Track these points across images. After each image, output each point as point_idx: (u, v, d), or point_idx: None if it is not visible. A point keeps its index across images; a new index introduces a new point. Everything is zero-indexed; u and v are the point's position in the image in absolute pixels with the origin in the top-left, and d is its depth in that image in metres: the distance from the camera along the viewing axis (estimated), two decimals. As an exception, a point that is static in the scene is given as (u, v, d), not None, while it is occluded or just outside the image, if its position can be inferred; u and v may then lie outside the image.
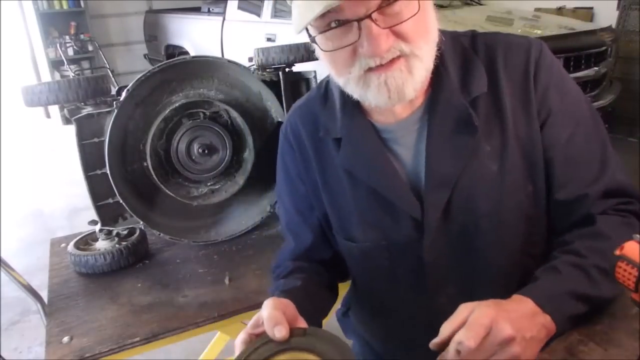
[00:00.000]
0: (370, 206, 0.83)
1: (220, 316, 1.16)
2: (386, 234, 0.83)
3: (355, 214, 0.85)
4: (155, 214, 1.45)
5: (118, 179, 1.35)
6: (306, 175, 0.90)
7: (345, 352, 0.66)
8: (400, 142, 0.81)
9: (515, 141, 0.78)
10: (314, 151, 0.87)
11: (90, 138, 1.35)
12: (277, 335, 0.66)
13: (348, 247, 0.90)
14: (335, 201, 0.87)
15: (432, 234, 0.80)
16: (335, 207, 0.88)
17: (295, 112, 0.92)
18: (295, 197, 0.94)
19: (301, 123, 0.89)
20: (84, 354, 1.05)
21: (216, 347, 1.86)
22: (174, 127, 1.41)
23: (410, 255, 0.83)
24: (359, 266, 0.93)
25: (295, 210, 0.94)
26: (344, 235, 0.89)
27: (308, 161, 0.89)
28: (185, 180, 1.46)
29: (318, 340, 0.68)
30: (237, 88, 1.50)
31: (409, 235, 0.81)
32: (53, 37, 6.37)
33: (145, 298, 1.24)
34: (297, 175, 0.92)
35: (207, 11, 5.48)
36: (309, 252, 0.94)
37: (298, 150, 0.90)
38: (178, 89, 1.44)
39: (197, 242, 1.47)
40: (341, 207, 0.87)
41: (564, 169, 0.79)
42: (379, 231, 0.84)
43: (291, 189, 0.94)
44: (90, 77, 1.34)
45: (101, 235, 1.43)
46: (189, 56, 1.47)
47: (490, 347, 0.61)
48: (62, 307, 1.22)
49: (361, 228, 0.86)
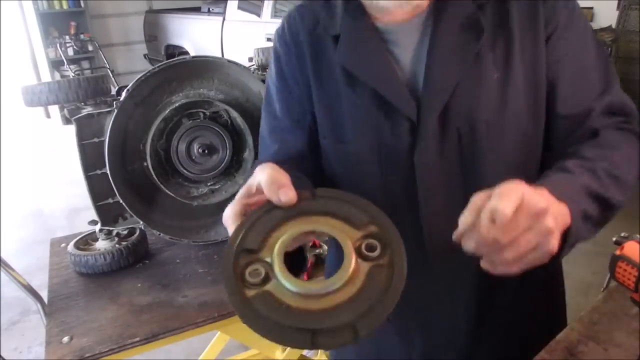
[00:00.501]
0: (365, 105, 0.79)
1: (220, 316, 1.16)
2: (380, 136, 0.79)
3: (349, 114, 0.81)
4: (155, 214, 1.45)
5: (118, 179, 1.35)
6: (300, 76, 0.85)
7: (369, 210, 0.58)
8: (401, 44, 0.79)
9: (519, 53, 0.76)
10: (310, 49, 0.84)
11: (90, 138, 1.35)
12: (284, 199, 0.57)
13: (337, 150, 0.85)
14: (328, 102, 0.83)
15: (426, 139, 0.76)
16: (327, 108, 0.84)
17: (296, 10, 0.88)
18: (288, 101, 0.88)
19: (300, 20, 0.86)
20: (84, 354, 1.05)
21: (216, 347, 1.86)
22: (174, 127, 1.41)
23: (403, 161, 0.79)
24: (347, 175, 0.86)
25: (287, 114, 0.88)
26: (334, 138, 0.84)
27: (303, 59, 0.85)
28: (185, 180, 1.46)
29: (332, 202, 0.59)
30: (237, 88, 1.50)
31: (403, 138, 0.78)
32: (53, 37, 6.37)
33: (145, 298, 1.24)
34: (291, 77, 0.87)
35: (207, 11, 5.48)
36: (296, 158, 0.86)
37: (294, 48, 0.85)
38: (178, 89, 1.44)
39: (197, 242, 1.47)
40: (333, 108, 0.83)
41: (570, 82, 0.77)
42: (372, 132, 0.80)
43: (284, 93, 0.88)
44: (90, 77, 1.34)
45: (101, 235, 1.43)
46: (189, 56, 1.47)
47: (524, 219, 0.55)
48: (62, 307, 1.22)
49: (354, 129, 0.81)
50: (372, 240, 0.55)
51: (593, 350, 0.75)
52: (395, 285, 0.52)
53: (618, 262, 0.72)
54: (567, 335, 0.79)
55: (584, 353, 0.75)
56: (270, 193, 0.57)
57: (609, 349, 0.75)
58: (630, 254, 0.71)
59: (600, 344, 0.76)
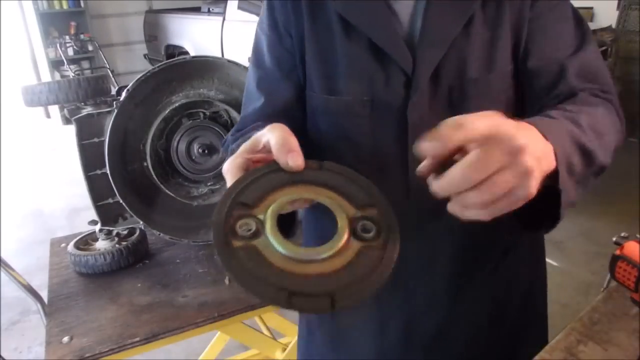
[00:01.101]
0: (361, 56, 0.79)
1: (220, 316, 1.17)
2: (373, 88, 0.79)
3: (343, 64, 0.80)
4: (155, 214, 1.45)
5: (118, 179, 1.35)
6: (295, 25, 0.84)
7: (372, 192, 0.57)
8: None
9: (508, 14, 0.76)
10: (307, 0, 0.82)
11: (90, 138, 1.35)
12: (291, 164, 0.56)
13: (326, 104, 0.83)
14: (322, 53, 0.82)
15: (420, 94, 0.76)
16: (319, 58, 0.82)
17: None
18: (278, 52, 0.86)
19: None
20: (84, 354, 1.05)
21: (216, 347, 1.86)
22: (174, 127, 1.41)
23: (394, 115, 0.78)
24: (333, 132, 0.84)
25: (276, 65, 0.86)
26: (325, 90, 0.82)
27: (299, 10, 0.83)
28: (185, 180, 1.46)
29: (337, 176, 0.59)
30: (237, 88, 1.50)
31: (397, 92, 0.77)
32: (53, 37, 6.36)
33: (145, 298, 1.24)
34: (284, 27, 0.85)
35: (207, 11, 5.48)
36: (282, 111, 0.84)
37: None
38: (178, 89, 1.44)
39: (197, 242, 1.47)
40: (327, 59, 0.82)
41: (541, 37, 0.77)
42: (366, 84, 0.79)
43: (275, 44, 0.86)
44: (90, 77, 1.34)
45: (101, 235, 1.43)
46: (189, 56, 1.47)
47: (499, 155, 0.48)
48: (62, 307, 1.22)
49: (347, 80, 0.80)
50: (369, 222, 0.55)
51: (593, 350, 0.75)
52: (384, 267, 0.52)
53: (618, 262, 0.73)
54: (567, 335, 0.79)
55: (584, 353, 0.75)
56: (279, 154, 0.56)
57: (609, 349, 0.75)
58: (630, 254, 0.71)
59: (600, 344, 0.76)
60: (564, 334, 0.80)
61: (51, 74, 6.38)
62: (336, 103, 0.82)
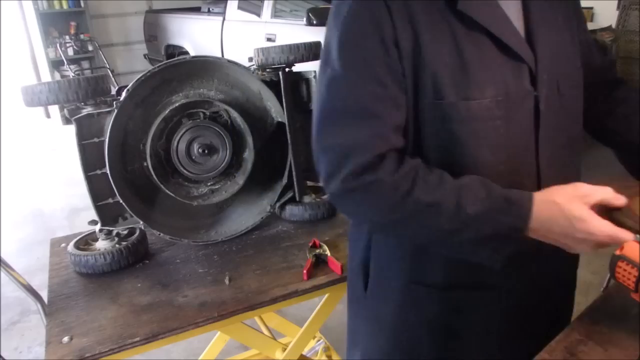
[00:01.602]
0: (491, 57, 0.82)
1: (220, 316, 1.17)
2: (506, 87, 0.82)
3: (475, 68, 0.80)
4: (155, 214, 1.45)
5: (118, 179, 1.35)
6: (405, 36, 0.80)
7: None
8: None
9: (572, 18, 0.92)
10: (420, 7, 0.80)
11: (90, 138, 1.35)
12: None
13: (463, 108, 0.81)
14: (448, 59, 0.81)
15: (546, 87, 0.85)
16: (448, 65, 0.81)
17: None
18: (382, 67, 0.81)
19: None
20: (84, 354, 1.05)
21: (216, 347, 1.86)
22: (174, 127, 1.41)
23: (526, 111, 0.84)
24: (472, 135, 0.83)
25: (377, 81, 0.81)
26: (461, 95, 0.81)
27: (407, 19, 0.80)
28: (185, 180, 1.46)
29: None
30: (237, 88, 1.50)
31: (525, 87, 0.84)
32: (53, 37, 6.36)
33: (145, 298, 1.24)
34: (391, 38, 0.80)
35: (207, 11, 5.48)
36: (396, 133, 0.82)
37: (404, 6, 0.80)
38: (178, 89, 1.44)
39: (197, 242, 1.47)
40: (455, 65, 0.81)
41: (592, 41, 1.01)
42: (499, 83, 0.82)
43: (376, 58, 0.81)
44: (90, 77, 1.34)
45: (101, 235, 1.43)
46: (189, 56, 1.47)
47: None
48: (62, 307, 1.22)
49: (481, 82, 0.81)
50: None
51: (593, 350, 0.75)
52: None
53: (618, 262, 0.72)
54: (567, 335, 0.79)
55: (584, 353, 0.75)
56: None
57: (609, 349, 0.75)
58: (630, 254, 0.71)
59: (600, 344, 0.76)
60: (564, 333, 0.80)
61: (51, 74, 6.38)
62: (475, 107, 0.82)
